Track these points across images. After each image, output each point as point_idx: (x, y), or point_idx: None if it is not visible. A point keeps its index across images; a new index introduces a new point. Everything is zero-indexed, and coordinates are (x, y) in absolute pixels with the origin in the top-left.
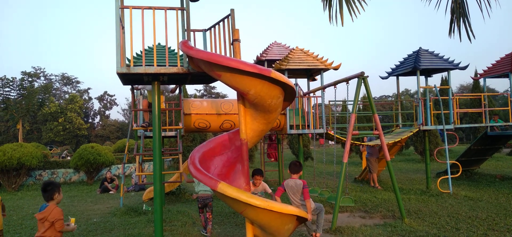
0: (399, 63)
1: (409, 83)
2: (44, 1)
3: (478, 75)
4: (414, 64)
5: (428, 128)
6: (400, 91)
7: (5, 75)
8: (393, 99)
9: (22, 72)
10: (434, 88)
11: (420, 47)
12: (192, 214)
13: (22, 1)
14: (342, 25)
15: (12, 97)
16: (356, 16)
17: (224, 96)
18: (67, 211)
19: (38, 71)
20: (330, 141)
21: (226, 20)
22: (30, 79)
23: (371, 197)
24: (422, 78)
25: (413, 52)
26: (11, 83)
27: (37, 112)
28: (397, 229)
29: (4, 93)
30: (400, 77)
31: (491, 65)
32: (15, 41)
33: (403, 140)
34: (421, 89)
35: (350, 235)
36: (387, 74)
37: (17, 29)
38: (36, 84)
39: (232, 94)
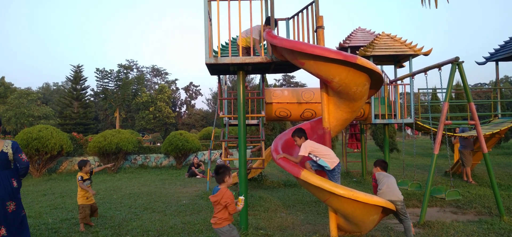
0: (499, 47)
1: (510, 69)
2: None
3: None
4: None
5: None
6: (499, 78)
7: (104, 68)
8: (489, 86)
9: (118, 64)
10: None
11: None
12: (274, 200)
13: (123, 2)
14: (436, 8)
15: (110, 88)
16: None
17: (303, 85)
18: (159, 193)
19: (132, 64)
20: (408, 131)
21: (309, 7)
22: (125, 71)
23: (464, 192)
24: None
25: None
26: (109, 75)
27: (131, 102)
28: (494, 227)
29: (103, 84)
30: (499, 63)
31: None
32: (114, 36)
33: (503, 131)
34: None
35: (440, 231)
36: (484, 59)
37: (113, 26)
38: (130, 76)
39: (311, 83)
